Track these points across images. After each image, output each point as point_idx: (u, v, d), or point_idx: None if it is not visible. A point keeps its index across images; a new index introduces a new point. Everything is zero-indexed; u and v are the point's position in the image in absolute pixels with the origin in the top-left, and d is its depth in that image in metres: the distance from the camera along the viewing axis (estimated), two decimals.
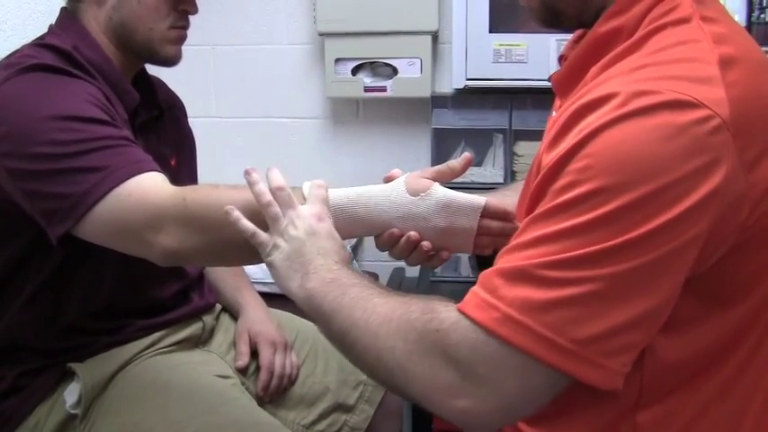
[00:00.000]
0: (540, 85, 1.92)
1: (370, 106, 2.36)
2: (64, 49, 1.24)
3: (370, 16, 2.17)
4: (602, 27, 0.91)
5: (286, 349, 1.54)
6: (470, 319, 0.82)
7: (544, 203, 0.82)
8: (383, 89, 2.23)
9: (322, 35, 2.23)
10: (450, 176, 1.12)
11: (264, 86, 2.39)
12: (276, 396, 1.51)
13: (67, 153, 1.12)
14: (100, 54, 1.29)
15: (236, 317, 1.58)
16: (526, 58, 2.08)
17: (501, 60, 2.09)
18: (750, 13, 1.97)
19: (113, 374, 1.35)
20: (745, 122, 0.80)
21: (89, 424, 1.31)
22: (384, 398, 1.57)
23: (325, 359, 1.56)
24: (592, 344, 0.78)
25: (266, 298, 1.61)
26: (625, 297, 0.78)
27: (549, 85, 1.02)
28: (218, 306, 1.59)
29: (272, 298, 1.52)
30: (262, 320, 1.55)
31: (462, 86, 2.13)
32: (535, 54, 2.06)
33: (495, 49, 2.09)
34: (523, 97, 2.13)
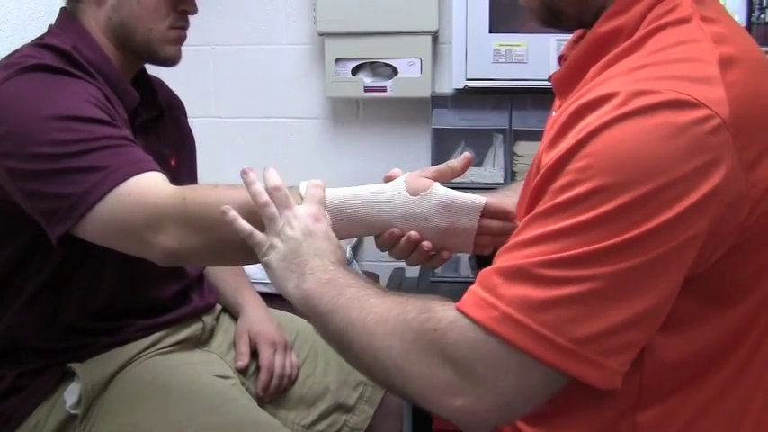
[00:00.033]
0: (540, 85, 1.92)
1: (370, 106, 2.35)
2: (63, 50, 1.24)
3: (370, 16, 2.16)
4: (602, 27, 0.91)
5: (286, 349, 1.53)
6: (469, 317, 0.82)
7: (543, 202, 0.82)
8: (383, 89, 2.22)
9: (322, 35, 2.23)
10: (451, 176, 1.12)
11: (264, 86, 2.38)
12: (276, 396, 1.51)
13: (67, 153, 1.12)
14: (99, 54, 1.29)
15: (236, 317, 1.58)
16: (526, 58, 2.07)
17: (501, 60, 2.09)
18: (750, 13, 1.97)
19: (113, 375, 1.35)
20: (745, 122, 0.80)
21: (89, 424, 1.31)
22: (384, 398, 1.57)
23: (325, 359, 1.56)
24: (590, 343, 0.78)
25: (266, 298, 1.61)
26: (624, 296, 0.78)
27: (548, 85, 1.02)
28: (218, 306, 1.59)
29: (272, 298, 1.51)
30: (262, 321, 1.55)
31: (462, 86, 2.12)
32: (535, 54, 2.06)
33: (495, 49, 2.08)
34: (523, 97, 2.12)
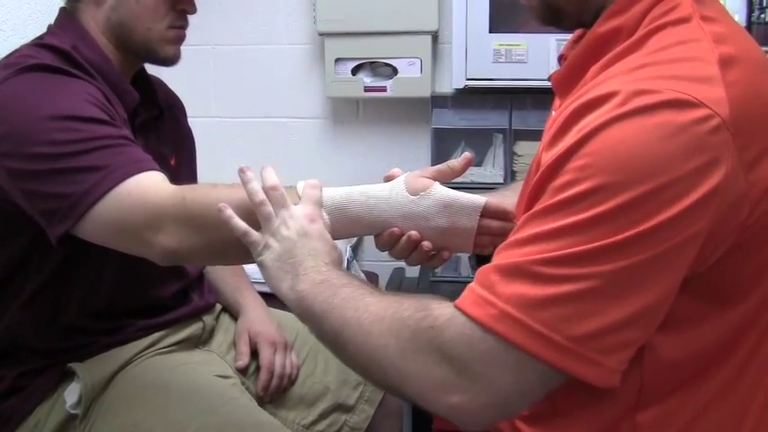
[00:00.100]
0: (540, 84, 1.92)
1: (370, 106, 2.35)
2: (63, 49, 1.24)
3: (370, 16, 2.16)
4: (602, 27, 0.91)
5: (286, 349, 1.53)
6: (467, 315, 0.82)
7: (542, 201, 0.82)
8: (383, 89, 2.22)
9: (322, 35, 2.23)
10: (451, 176, 1.12)
11: (264, 86, 2.38)
12: (276, 396, 1.51)
13: (67, 153, 1.12)
14: (99, 54, 1.29)
15: (236, 317, 1.58)
16: (526, 57, 2.08)
17: (501, 60, 2.09)
18: (750, 13, 1.97)
19: (113, 374, 1.35)
20: (745, 122, 0.80)
21: (89, 424, 1.31)
22: (384, 398, 1.57)
23: (325, 359, 1.55)
24: (588, 341, 0.78)
25: (266, 298, 1.61)
26: (622, 294, 0.78)
27: (548, 84, 1.02)
28: (218, 306, 1.59)
29: (273, 298, 1.50)
30: (262, 320, 1.55)
31: (462, 86, 2.13)
32: (535, 54, 2.06)
33: (495, 48, 2.08)
34: (523, 97, 2.12)
